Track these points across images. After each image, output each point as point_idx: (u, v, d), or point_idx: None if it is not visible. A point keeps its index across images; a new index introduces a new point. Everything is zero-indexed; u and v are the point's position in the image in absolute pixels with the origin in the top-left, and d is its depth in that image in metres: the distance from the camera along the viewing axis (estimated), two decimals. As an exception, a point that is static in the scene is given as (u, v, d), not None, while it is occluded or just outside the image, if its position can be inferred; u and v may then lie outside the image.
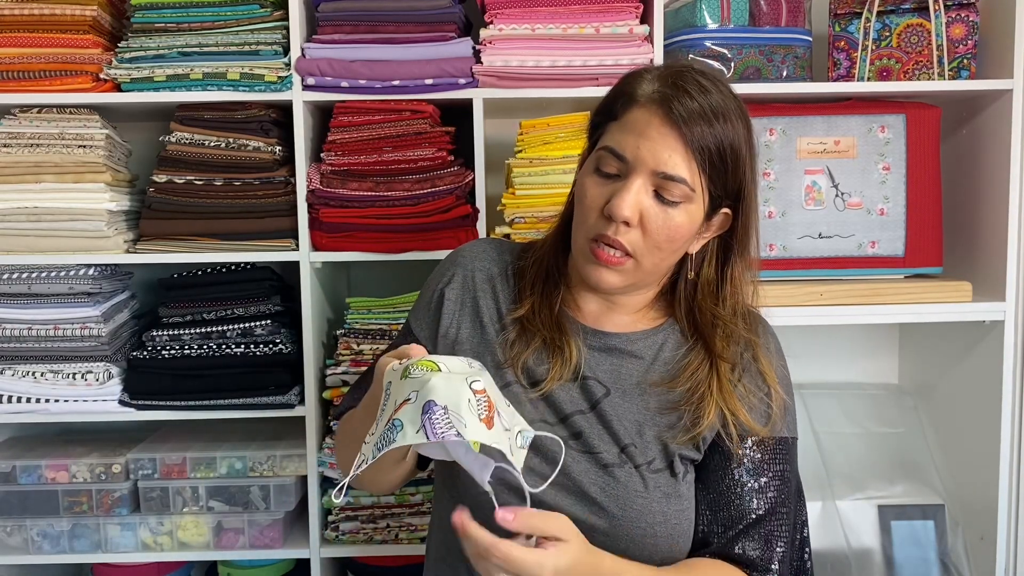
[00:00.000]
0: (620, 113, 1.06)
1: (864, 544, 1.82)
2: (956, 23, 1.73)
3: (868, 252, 1.76)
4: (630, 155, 1.03)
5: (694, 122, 1.02)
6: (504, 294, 1.16)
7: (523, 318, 1.12)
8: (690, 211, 1.05)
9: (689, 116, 1.02)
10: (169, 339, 1.74)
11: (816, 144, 1.74)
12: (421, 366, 0.87)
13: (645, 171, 1.03)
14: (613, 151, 1.05)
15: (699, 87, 1.04)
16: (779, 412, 1.11)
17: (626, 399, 1.09)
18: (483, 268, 1.18)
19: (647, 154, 1.02)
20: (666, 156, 1.02)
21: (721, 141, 1.04)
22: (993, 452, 1.76)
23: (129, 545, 1.78)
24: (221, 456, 1.78)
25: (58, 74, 1.69)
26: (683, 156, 1.02)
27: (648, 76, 1.07)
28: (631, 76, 1.09)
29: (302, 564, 1.83)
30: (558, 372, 1.09)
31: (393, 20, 1.71)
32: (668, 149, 1.02)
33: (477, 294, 1.16)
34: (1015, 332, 1.75)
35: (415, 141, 1.71)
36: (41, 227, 1.70)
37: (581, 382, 1.10)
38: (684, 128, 1.02)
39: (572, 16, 1.70)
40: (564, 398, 1.09)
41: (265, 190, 1.73)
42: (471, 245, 1.23)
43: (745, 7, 1.73)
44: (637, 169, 1.03)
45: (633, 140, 1.03)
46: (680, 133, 1.02)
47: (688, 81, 1.04)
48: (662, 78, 1.06)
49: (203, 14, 1.69)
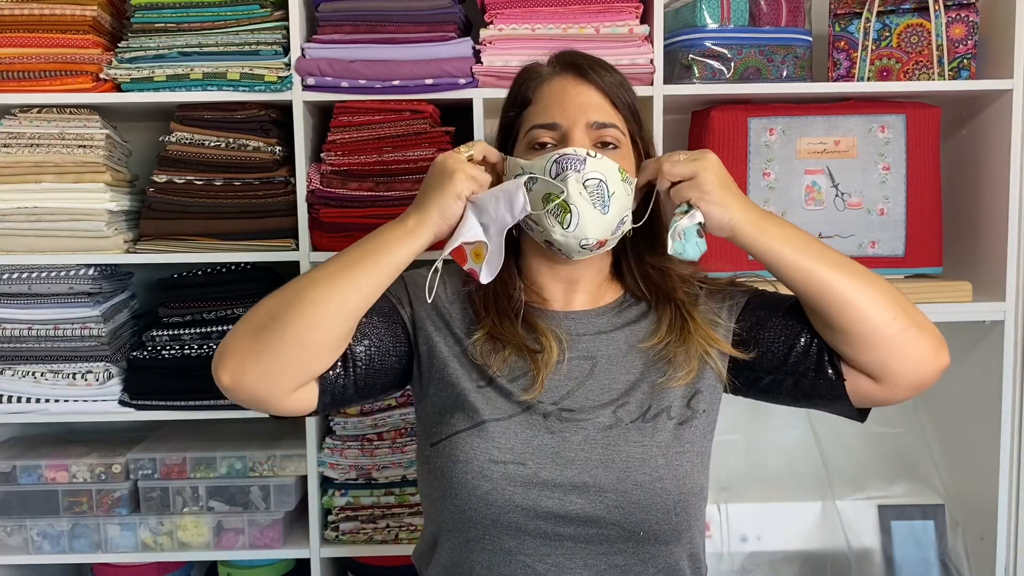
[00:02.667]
0: (532, 95, 1.14)
1: (864, 544, 1.82)
2: (956, 23, 1.73)
3: (868, 252, 1.76)
4: (560, 118, 1.11)
5: (605, 77, 1.13)
6: (460, 316, 1.15)
7: (487, 333, 1.12)
8: (626, 155, 1.13)
9: (599, 74, 1.13)
10: (169, 339, 1.74)
11: (816, 144, 1.74)
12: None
13: (579, 126, 1.10)
14: (543, 124, 1.12)
15: (593, 58, 1.15)
16: (738, 293, 1.19)
17: (612, 364, 1.12)
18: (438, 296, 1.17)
19: (575, 111, 1.10)
20: (592, 107, 1.11)
21: (630, 97, 1.15)
22: (993, 452, 1.76)
23: (129, 545, 1.78)
24: (221, 456, 1.78)
25: (58, 74, 1.69)
26: (607, 104, 1.12)
27: (543, 62, 1.17)
28: (527, 67, 1.20)
29: (302, 564, 1.83)
30: (542, 369, 1.09)
31: (393, 20, 1.71)
32: (592, 103, 1.12)
33: (433, 316, 1.15)
34: (1015, 332, 1.75)
35: (415, 141, 1.71)
36: (41, 227, 1.70)
37: (567, 363, 1.11)
38: (600, 81, 1.12)
39: (572, 16, 1.70)
40: (551, 383, 1.10)
41: (265, 190, 1.73)
42: (419, 271, 1.20)
43: (745, 7, 1.73)
44: (572, 127, 1.10)
45: (558, 106, 1.11)
46: (597, 86, 1.12)
47: (581, 54, 1.16)
48: (557, 57, 1.17)
49: (203, 14, 1.69)
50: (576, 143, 1.08)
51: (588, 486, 1.04)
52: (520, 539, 1.05)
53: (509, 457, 1.04)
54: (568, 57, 1.15)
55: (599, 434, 1.07)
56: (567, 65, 1.14)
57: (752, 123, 1.73)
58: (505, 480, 1.04)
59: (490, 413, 1.07)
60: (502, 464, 1.04)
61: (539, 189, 1.09)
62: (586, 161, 1.07)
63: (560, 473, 1.05)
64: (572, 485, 1.04)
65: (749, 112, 1.72)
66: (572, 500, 1.04)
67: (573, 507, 1.04)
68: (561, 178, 1.07)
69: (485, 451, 1.05)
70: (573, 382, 1.10)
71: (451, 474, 1.05)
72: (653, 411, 1.08)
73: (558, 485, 1.04)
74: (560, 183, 1.07)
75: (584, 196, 1.06)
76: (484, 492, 1.04)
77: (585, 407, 1.09)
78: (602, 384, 1.10)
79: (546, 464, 1.05)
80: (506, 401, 1.08)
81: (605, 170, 1.07)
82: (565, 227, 1.07)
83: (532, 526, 1.05)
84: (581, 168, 1.06)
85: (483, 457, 1.04)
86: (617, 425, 1.07)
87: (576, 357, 1.12)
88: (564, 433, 1.07)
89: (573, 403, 1.09)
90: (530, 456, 1.05)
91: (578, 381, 1.10)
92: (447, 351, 1.13)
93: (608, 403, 1.09)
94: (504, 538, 1.05)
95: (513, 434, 1.06)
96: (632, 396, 1.10)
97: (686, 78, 1.73)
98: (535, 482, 1.04)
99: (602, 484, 1.04)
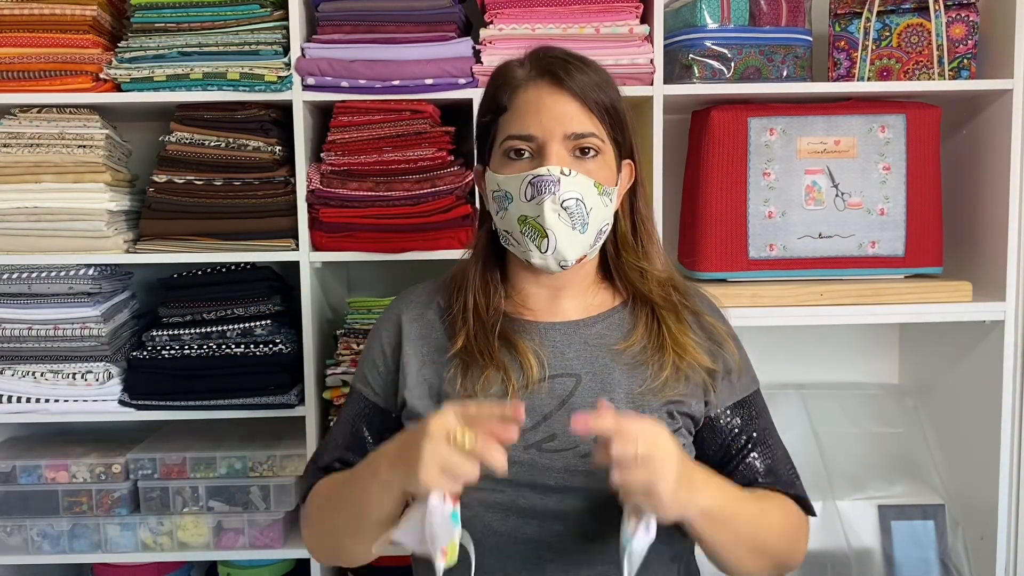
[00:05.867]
0: (508, 103, 1.10)
1: (864, 544, 1.82)
2: (956, 23, 1.73)
3: (868, 252, 1.76)
4: (536, 130, 1.07)
5: (581, 83, 1.07)
6: (439, 337, 1.15)
7: (460, 353, 1.10)
8: (606, 161, 1.10)
9: (575, 79, 1.07)
10: (169, 339, 1.74)
11: (816, 144, 1.74)
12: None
13: (556, 138, 1.06)
14: (519, 135, 1.08)
15: (569, 57, 1.10)
16: (738, 368, 1.15)
17: (596, 380, 1.09)
18: (416, 317, 1.17)
19: (552, 123, 1.06)
20: (569, 118, 1.06)
21: (608, 96, 1.09)
22: (993, 452, 1.76)
23: (129, 545, 1.78)
24: (221, 456, 1.77)
25: (58, 74, 1.69)
26: (584, 113, 1.07)
27: (517, 63, 1.12)
28: (502, 69, 1.14)
29: (302, 564, 1.83)
30: (519, 384, 1.07)
31: (393, 20, 1.71)
32: (568, 112, 1.07)
33: (416, 344, 1.15)
34: (1015, 332, 1.75)
35: (415, 141, 1.71)
36: (41, 227, 1.70)
37: (550, 382, 1.09)
38: (576, 89, 1.07)
39: (572, 16, 1.70)
40: (532, 405, 1.07)
41: (265, 190, 1.73)
42: (401, 298, 1.22)
43: (745, 7, 1.73)
44: (548, 140, 1.06)
45: (534, 116, 1.07)
46: (573, 94, 1.07)
47: (556, 54, 1.11)
48: (533, 58, 1.11)
49: (203, 14, 1.69)
50: (552, 157, 1.05)
51: (567, 514, 1.04)
52: (504, 561, 1.05)
53: (486, 484, 0.98)
54: (544, 61, 1.10)
55: (578, 461, 1.04)
56: (543, 71, 1.09)
57: (752, 123, 1.73)
58: (483, 507, 1.03)
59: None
60: (480, 491, 1.00)
61: (514, 210, 1.07)
62: (560, 182, 1.04)
63: (540, 501, 1.04)
64: (552, 513, 1.04)
65: (749, 112, 1.72)
66: (551, 527, 1.04)
67: (552, 533, 1.04)
68: (536, 201, 1.05)
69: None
70: (555, 401, 1.08)
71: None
72: None
73: (538, 512, 1.04)
74: (536, 206, 1.05)
75: (562, 219, 1.05)
76: (464, 520, 1.01)
77: (565, 432, 1.05)
78: (585, 404, 1.07)
79: (525, 492, 1.04)
80: None
81: (581, 188, 1.05)
82: (543, 251, 1.06)
83: (512, 550, 1.05)
84: (556, 190, 1.04)
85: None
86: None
87: (559, 375, 1.09)
88: (543, 461, 1.05)
89: (554, 426, 1.06)
90: (508, 484, 1.03)
91: (560, 400, 1.08)
92: (422, 406, 1.10)
93: None
94: (490, 560, 1.05)
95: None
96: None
97: (686, 78, 1.73)
98: (514, 509, 1.04)
99: (581, 512, 1.03)
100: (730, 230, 1.74)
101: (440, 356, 1.12)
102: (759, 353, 1.23)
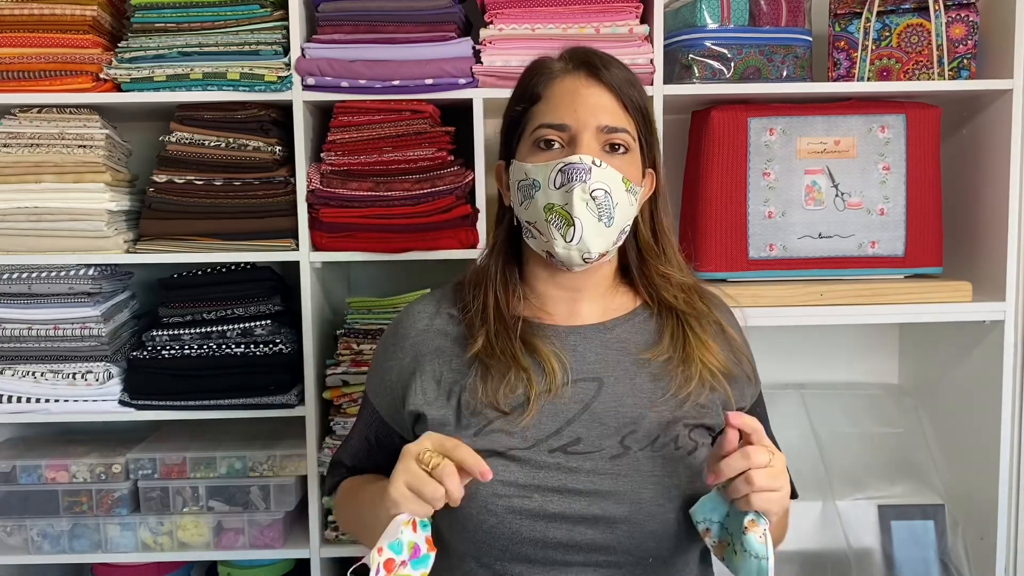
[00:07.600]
0: (543, 92, 1.10)
1: (864, 544, 1.82)
2: (956, 23, 1.73)
3: (868, 252, 1.76)
4: (570, 119, 1.06)
5: (618, 78, 1.08)
6: (454, 341, 1.13)
7: (480, 355, 1.09)
8: (634, 160, 1.09)
9: (612, 74, 1.08)
10: (169, 339, 1.74)
11: (816, 144, 1.74)
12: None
13: (589, 129, 1.06)
14: (552, 124, 1.07)
15: (606, 56, 1.11)
16: (751, 377, 1.17)
17: (619, 385, 1.09)
18: (425, 328, 1.15)
19: (586, 113, 1.06)
20: (604, 110, 1.06)
21: (641, 97, 1.10)
22: (993, 452, 1.76)
23: (129, 545, 1.78)
24: (221, 456, 1.77)
25: (58, 74, 1.69)
26: (618, 108, 1.07)
27: (555, 57, 1.13)
28: (537, 61, 1.14)
29: (302, 564, 1.83)
30: (541, 388, 1.07)
31: (393, 20, 1.71)
32: (603, 105, 1.07)
33: (430, 358, 1.13)
34: (1015, 332, 1.75)
35: (415, 141, 1.71)
36: (41, 227, 1.70)
37: (572, 386, 1.08)
38: (613, 83, 1.07)
39: (572, 16, 1.70)
40: (556, 410, 1.07)
41: (265, 190, 1.73)
42: (406, 313, 1.19)
43: (745, 7, 1.73)
44: (581, 130, 1.06)
45: (568, 106, 1.07)
46: (610, 88, 1.07)
47: (594, 52, 1.11)
48: (570, 53, 1.12)
49: (203, 14, 1.69)
50: (585, 147, 1.05)
51: (598, 518, 1.02)
52: (530, 565, 1.04)
53: (513, 491, 1.02)
54: (581, 54, 1.10)
55: (607, 464, 1.04)
56: (580, 63, 1.09)
57: (752, 123, 1.73)
58: (511, 514, 1.02)
59: (492, 451, 1.05)
60: (506, 498, 1.02)
61: (541, 198, 1.06)
62: (591, 171, 1.04)
63: (568, 506, 1.03)
64: (581, 517, 1.02)
65: (749, 112, 1.72)
66: (582, 531, 1.03)
67: (583, 537, 1.03)
68: (566, 188, 1.04)
69: (488, 487, 1.00)
70: (578, 406, 1.07)
71: (456, 509, 1.00)
72: (661, 440, 1.06)
73: (567, 517, 1.02)
74: (565, 193, 1.04)
75: (590, 208, 1.04)
76: (490, 526, 1.02)
77: (591, 436, 1.05)
78: (608, 408, 1.07)
79: (552, 498, 1.03)
80: (508, 437, 1.05)
81: (610, 180, 1.05)
82: (568, 240, 1.05)
83: (541, 555, 1.03)
84: (587, 179, 1.03)
85: (486, 492, 1.02)
86: (626, 454, 1.04)
87: (582, 379, 1.08)
88: (570, 464, 1.04)
89: (578, 431, 1.06)
90: (535, 490, 1.03)
91: (583, 405, 1.07)
92: (439, 416, 1.09)
93: (615, 431, 1.06)
94: (513, 564, 1.04)
95: (517, 467, 1.03)
96: (640, 424, 1.06)
97: (686, 78, 1.73)
98: (542, 515, 1.02)
99: (612, 515, 1.02)
100: (730, 230, 1.74)
101: (457, 360, 1.11)
102: (759, 353, 1.23)
